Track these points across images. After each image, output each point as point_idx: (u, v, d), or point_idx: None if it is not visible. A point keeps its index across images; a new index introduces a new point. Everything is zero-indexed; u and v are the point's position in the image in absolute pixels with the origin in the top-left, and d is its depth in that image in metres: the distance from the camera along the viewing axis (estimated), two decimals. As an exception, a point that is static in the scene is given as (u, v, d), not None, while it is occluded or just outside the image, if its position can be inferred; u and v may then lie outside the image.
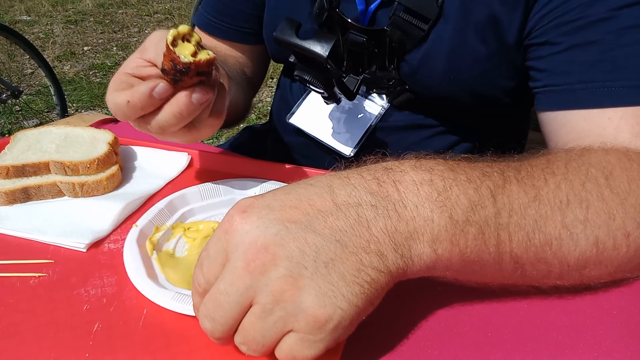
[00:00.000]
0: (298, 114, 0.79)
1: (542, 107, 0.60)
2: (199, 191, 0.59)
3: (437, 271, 0.39)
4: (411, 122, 0.74)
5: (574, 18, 0.55)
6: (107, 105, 0.52)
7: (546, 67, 0.59)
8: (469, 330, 0.43)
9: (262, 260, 0.34)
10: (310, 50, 0.57)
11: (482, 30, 0.62)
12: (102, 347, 0.41)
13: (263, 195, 0.38)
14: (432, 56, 0.65)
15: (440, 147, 0.74)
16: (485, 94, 0.67)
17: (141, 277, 0.46)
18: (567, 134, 0.56)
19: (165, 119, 0.49)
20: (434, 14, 0.63)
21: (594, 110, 0.54)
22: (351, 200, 0.37)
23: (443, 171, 0.39)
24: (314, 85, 0.65)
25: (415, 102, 0.71)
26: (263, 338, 0.35)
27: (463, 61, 0.64)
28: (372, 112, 0.74)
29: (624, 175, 0.45)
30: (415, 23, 0.64)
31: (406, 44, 0.65)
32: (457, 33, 0.63)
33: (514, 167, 0.43)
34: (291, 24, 0.59)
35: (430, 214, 0.37)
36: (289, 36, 0.59)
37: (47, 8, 5.15)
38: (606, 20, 0.54)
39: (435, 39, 0.64)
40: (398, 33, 0.65)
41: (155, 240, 0.53)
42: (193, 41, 0.47)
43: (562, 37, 0.56)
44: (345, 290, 0.34)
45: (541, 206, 0.41)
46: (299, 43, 0.58)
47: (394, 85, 0.70)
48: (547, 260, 0.41)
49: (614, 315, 0.44)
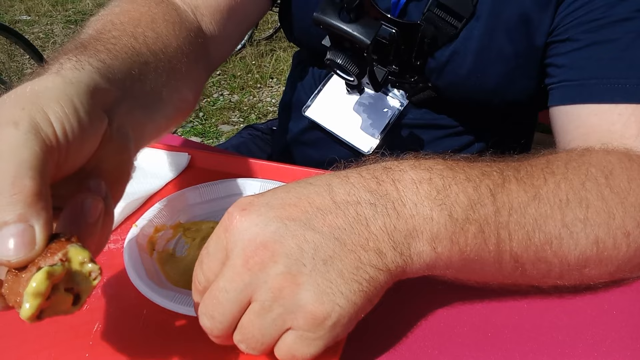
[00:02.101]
0: (314, 106, 0.76)
1: (555, 102, 0.60)
2: (198, 191, 0.59)
3: (436, 270, 0.39)
4: (427, 121, 0.73)
5: (597, 17, 0.56)
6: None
7: (564, 63, 0.59)
8: (469, 330, 0.42)
9: (261, 257, 0.34)
10: (353, 35, 0.55)
11: (512, 30, 0.62)
12: (102, 347, 0.41)
13: (263, 194, 0.38)
14: (460, 54, 0.65)
15: (452, 147, 0.74)
16: (506, 93, 0.67)
17: (141, 278, 0.46)
18: (576, 128, 0.56)
19: None
20: (468, 12, 0.62)
21: (605, 105, 0.54)
22: (350, 198, 0.37)
23: (442, 170, 0.39)
24: (346, 71, 0.61)
25: (435, 100, 0.71)
26: (262, 336, 0.35)
27: (490, 60, 0.64)
28: (391, 108, 0.72)
29: (624, 175, 0.45)
30: (449, 20, 0.63)
31: (438, 40, 0.65)
32: (487, 32, 0.63)
33: (513, 166, 0.43)
34: (334, 5, 0.56)
35: (429, 212, 0.37)
36: (331, 17, 0.56)
37: (47, 8, 5.15)
38: (628, 21, 0.54)
39: (466, 37, 0.64)
40: (431, 29, 0.64)
41: (155, 240, 0.52)
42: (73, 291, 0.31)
43: (583, 35, 0.57)
44: (344, 288, 0.34)
45: (541, 205, 0.41)
46: (342, 26, 0.55)
47: (417, 81, 0.69)
48: (547, 260, 0.41)
49: (614, 315, 0.44)
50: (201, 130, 2.80)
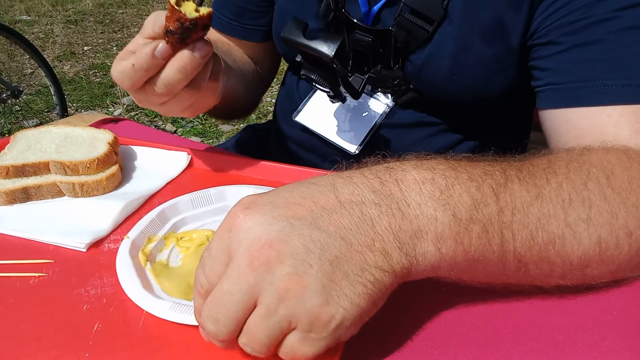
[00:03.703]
0: (304, 112, 0.79)
1: (543, 106, 0.60)
2: (190, 200, 0.58)
3: (441, 271, 0.39)
4: (415, 120, 0.74)
5: (577, 18, 0.56)
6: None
7: (548, 66, 0.59)
8: (469, 330, 0.42)
9: (267, 256, 0.34)
10: (317, 50, 0.58)
11: (487, 33, 0.62)
12: (102, 347, 0.41)
13: (266, 193, 0.38)
14: (436, 57, 0.65)
15: (444, 145, 0.75)
16: (487, 94, 0.68)
17: (137, 289, 0.45)
18: (567, 132, 0.57)
19: (170, 75, 0.52)
20: (438, 16, 0.63)
21: (594, 108, 0.54)
22: (355, 198, 0.37)
23: (445, 170, 0.39)
24: (320, 85, 0.65)
25: (419, 101, 0.72)
26: (267, 339, 0.35)
27: (467, 62, 0.65)
28: (377, 111, 0.74)
29: (624, 175, 0.45)
30: (419, 24, 0.64)
31: (410, 44, 0.66)
32: (462, 35, 0.63)
33: (516, 166, 0.43)
34: (298, 24, 0.60)
35: (433, 212, 0.37)
36: (296, 36, 0.59)
37: (47, 8, 5.15)
38: (608, 21, 0.54)
39: (440, 40, 0.64)
40: (403, 33, 0.65)
41: (148, 252, 0.51)
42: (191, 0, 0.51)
43: (564, 37, 0.57)
44: (348, 290, 0.34)
45: (544, 205, 0.41)
46: (306, 43, 0.59)
47: (399, 84, 0.70)
48: (550, 259, 0.41)
49: (614, 315, 0.44)
50: (201, 130, 2.80)
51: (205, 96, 0.58)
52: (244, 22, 0.83)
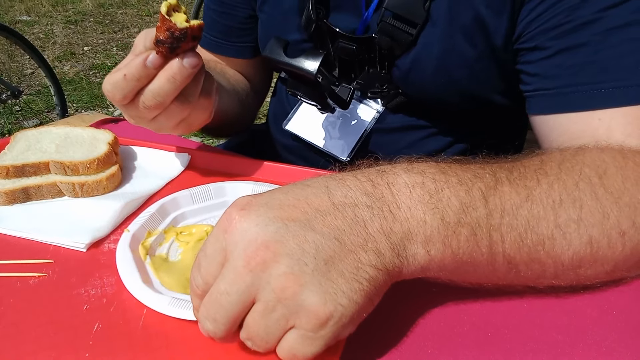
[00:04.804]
0: (294, 121, 0.80)
1: (533, 111, 0.60)
2: (190, 195, 0.59)
3: (430, 272, 0.40)
4: (406, 124, 0.74)
5: (561, 22, 0.55)
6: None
7: (536, 71, 0.59)
8: (469, 330, 0.43)
9: (263, 257, 0.34)
10: (299, 67, 0.58)
11: (469, 33, 0.62)
12: (102, 347, 0.41)
13: (260, 195, 0.38)
14: (421, 60, 0.65)
15: (435, 147, 0.75)
16: (476, 95, 0.67)
17: (136, 283, 0.46)
18: (558, 137, 0.56)
19: (159, 85, 0.52)
20: (421, 19, 0.63)
21: (585, 112, 0.54)
22: (347, 200, 0.37)
23: (434, 174, 0.40)
24: (307, 99, 0.66)
25: (409, 105, 0.72)
26: (267, 335, 0.35)
27: (452, 64, 0.64)
28: (367, 117, 0.75)
29: (618, 174, 0.45)
30: (403, 28, 0.64)
31: (395, 49, 0.66)
32: (445, 36, 0.63)
33: (507, 168, 0.43)
34: (279, 42, 0.61)
35: (422, 215, 0.38)
36: (277, 55, 0.60)
37: (47, 8, 5.16)
38: (593, 23, 0.54)
39: (424, 43, 0.64)
40: (386, 39, 0.65)
41: (148, 245, 0.52)
42: (181, 11, 0.51)
43: (550, 42, 0.56)
44: (345, 287, 0.35)
45: (533, 206, 0.41)
46: (288, 61, 0.59)
47: (388, 89, 0.71)
48: (540, 260, 0.41)
49: (613, 315, 0.44)
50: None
51: (198, 112, 0.58)
52: (233, 40, 0.84)
